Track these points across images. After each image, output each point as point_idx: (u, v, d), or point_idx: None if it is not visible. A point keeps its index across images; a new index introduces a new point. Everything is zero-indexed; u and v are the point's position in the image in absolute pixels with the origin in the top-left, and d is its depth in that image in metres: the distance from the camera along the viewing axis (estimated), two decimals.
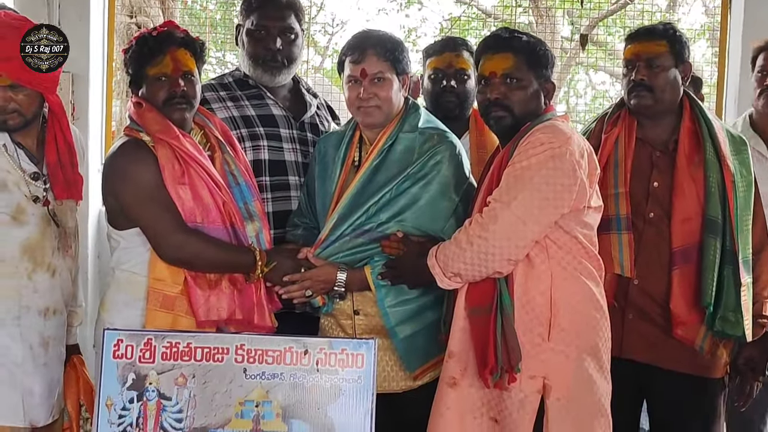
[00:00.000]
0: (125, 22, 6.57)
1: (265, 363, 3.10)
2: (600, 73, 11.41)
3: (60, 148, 3.42)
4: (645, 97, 3.62)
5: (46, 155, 3.42)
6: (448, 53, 4.23)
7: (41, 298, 3.40)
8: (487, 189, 3.29)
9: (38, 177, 3.40)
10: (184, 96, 3.45)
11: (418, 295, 3.48)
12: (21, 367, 3.37)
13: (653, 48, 3.64)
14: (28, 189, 3.37)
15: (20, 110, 3.33)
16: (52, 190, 3.42)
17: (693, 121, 3.66)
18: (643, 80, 3.61)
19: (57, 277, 3.45)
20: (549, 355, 3.17)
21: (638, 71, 3.62)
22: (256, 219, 3.56)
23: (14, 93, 3.30)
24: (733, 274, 3.52)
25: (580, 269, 3.22)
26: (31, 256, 3.37)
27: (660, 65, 3.63)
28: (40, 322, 3.41)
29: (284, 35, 4.00)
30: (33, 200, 3.37)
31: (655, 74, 3.62)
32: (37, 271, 3.39)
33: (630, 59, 3.68)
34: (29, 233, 3.36)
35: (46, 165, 3.42)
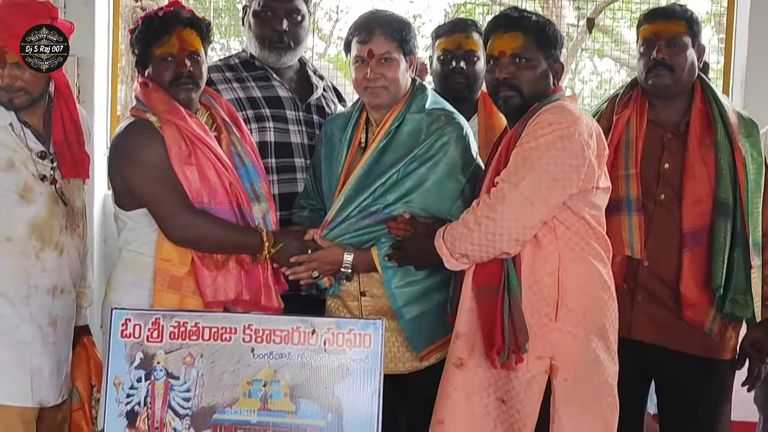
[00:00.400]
0: (130, 6, 6.57)
1: (273, 343, 3.10)
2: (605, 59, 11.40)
3: (66, 127, 3.41)
4: (664, 76, 3.61)
5: (53, 134, 3.41)
6: (458, 34, 4.22)
7: (49, 277, 3.40)
8: (495, 170, 3.29)
9: (45, 156, 3.39)
10: (190, 76, 3.44)
11: (424, 276, 3.48)
12: (30, 346, 3.37)
13: (673, 27, 3.63)
14: (36, 168, 3.36)
15: (26, 88, 3.32)
16: (59, 168, 3.41)
17: (704, 103, 3.65)
18: (664, 59, 3.60)
19: (65, 256, 3.45)
20: (556, 336, 3.17)
21: (659, 50, 3.60)
22: (262, 200, 3.56)
23: (20, 71, 3.29)
24: (743, 256, 3.52)
25: (588, 250, 3.22)
26: (39, 235, 3.37)
27: (680, 45, 3.62)
28: (48, 301, 3.41)
29: (291, 16, 3.99)
30: (40, 179, 3.37)
31: (675, 53, 3.61)
32: (45, 250, 3.38)
33: (649, 38, 3.66)
34: (37, 212, 3.36)
35: (53, 144, 3.42)
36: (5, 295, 3.33)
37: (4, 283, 3.34)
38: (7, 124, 3.34)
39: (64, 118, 3.41)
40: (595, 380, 3.21)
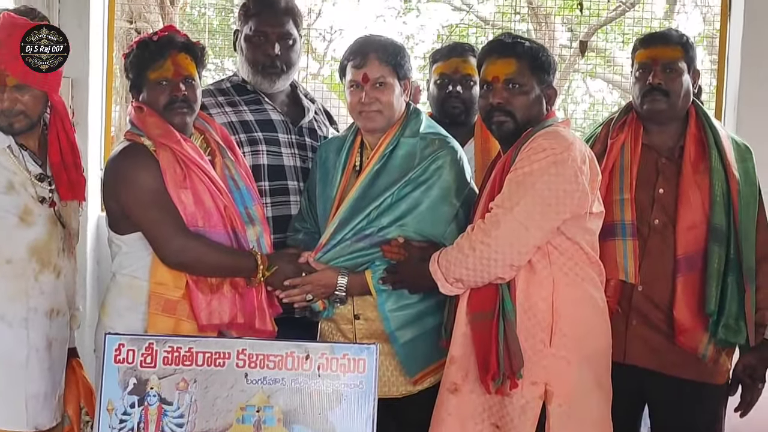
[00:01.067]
0: (125, 28, 6.58)
1: (267, 368, 3.10)
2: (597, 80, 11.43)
3: (63, 149, 3.41)
4: (660, 101, 3.62)
5: (50, 156, 3.41)
6: (455, 59, 4.24)
7: (47, 300, 3.40)
8: (489, 194, 3.30)
9: (43, 178, 3.39)
10: (185, 100, 3.45)
11: (418, 299, 3.48)
12: (26, 370, 3.35)
13: (670, 53, 3.65)
14: (35, 190, 3.36)
15: (26, 112, 3.32)
16: (56, 191, 3.41)
17: (699, 129, 3.67)
18: (660, 84, 3.61)
19: (62, 278, 3.45)
20: (551, 361, 3.17)
21: (655, 75, 3.62)
22: (257, 223, 3.56)
23: (20, 94, 3.29)
24: (737, 282, 3.53)
25: (582, 275, 3.23)
26: (38, 258, 3.36)
27: (676, 70, 3.63)
28: (46, 323, 3.40)
29: (283, 41, 3.99)
30: (40, 201, 3.36)
31: (671, 79, 3.62)
32: (43, 272, 3.38)
33: (645, 63, 3.67)
34: (36, 234, 3.36)
35: (49, 166, 3.41)
36: (4, 318, 3.32)
37: (4, 305, 3.32)
38: (6, 147, 3.34)
39: (61, 140, 3.40)
40: (589, 406, 3.22)
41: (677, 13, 9.95)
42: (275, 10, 4.01)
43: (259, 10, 4.01)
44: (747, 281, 3.53)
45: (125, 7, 6.63)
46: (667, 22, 9.56)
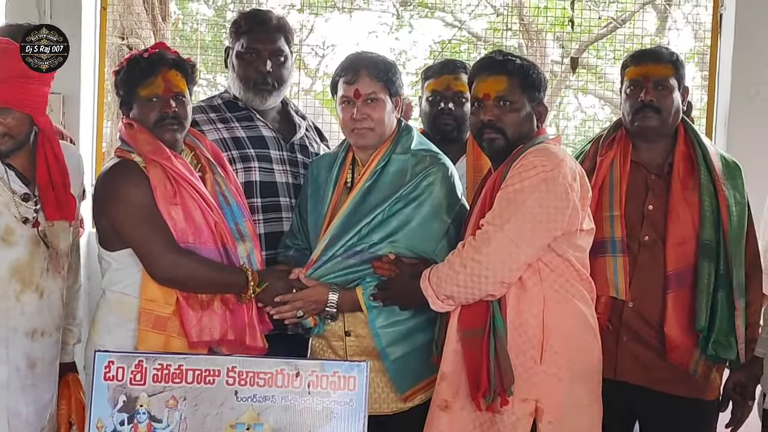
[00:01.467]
0: (116, 44, 6.57)
1: (257, 385, 3.09)
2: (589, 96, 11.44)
3: (51, 168, 3.38)
4: (652, 118, 3.64)
5: (37, 176, 3.38)
6: (447, 75, 4.24)
7: (28, 320, 3.37)
8: (479, 211, 3.30)
9: (29, 198, 3.37)
10: (175, 117, 3.45)
11: (409, 316, 3.48)
12: (6, 388, 3.33)
13: (661, 70, 3.66)
14: (18, 210, 3.34)
15: (10, 134, 3.29)
16: (43, 210, 3.39)
17: (687, 145, 3.68)
18: (652, 101, 3.63)
19: (45, 299, 3.41)
20: (541, 378, 3.17)
21: (647, 92, 3.63)
22: (247, 239, 3.56)
23: (3, 117, 3.26)
24: (727, 298, 3.54)
25: (573, 292, 3.23)
26: (19, 278, 3.34)
27: (667, 87, 3.65)
28: (27, 343, 3.37)
29: (274, 57, 4.00)
30: (22, 221, 3.34)
31: (662, 96, 3.64)
32: (25, 292, 3.35)
33: (636, 80, 3.68)
34: (18, 254, 3.34)
35: (37, 186, 3.40)
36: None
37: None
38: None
39: (48, 160, 3.38)
40: (580, 423, 3.22)
41: (668, 29, 9.98)
42: (267, 27, 4.02)
43: (251, 27, 4.02)
44: (737, 297, 3.54)
45: (117, 23, 6.62)
46: (658, 39, 9.60)
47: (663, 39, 9.70)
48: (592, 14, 7.68)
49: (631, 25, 8.33)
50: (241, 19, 4.09)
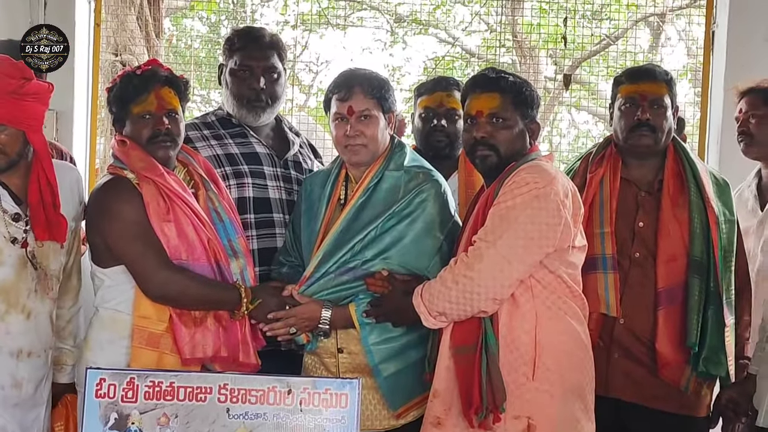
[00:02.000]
0: (110, 60, 6.58)
1: (249, 403, 3.08)
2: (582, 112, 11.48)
3: (42, 188, 3.37)
4: (648, 136, 3.66)
5: (29, 195, 3.35)
6: (440, 92, 4.25)
7: (14, 340, 3.34)
8: (472, 228, 3.30)
9: (19, 218, 3.35)
10: (168, 134, 3.45)
11: (402, 333, 3.47)
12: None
13: (657, 89, 3.68)
14: (7, 230, 3.32)
15: (3, 149, 3.28)
16: (33, 231, 3.38)
17: (677, 162, 3.70)
18: (648, 120, 3.64)
19: (32, 320, 3.38)
20: (533, 395, 3.17)
21: (643, 111, 3.65)
22: (240, 256, 3.56)
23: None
24: (717, 314, 3.55)
25: (565, 308, 3.23)
26: (5, 298, 3.32)
27: (663, 106, 3.68)
28: (12, 363, 3.34)
29: (268, 74, 4.01)
30: (11, 241, 3.33)
31: (658, 115, 3.66)
32: (10, 313, 3.33)
33: (632, 97, 3.69)
34: (4, 275, 3.32)
35: (28, 205, 3.38)
36: None
37: None
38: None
39: (40, 180, 3.36)
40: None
41: (662, 46, 10.01)
42: (260, 44, 4.03)
43: (244, 44, 4.03)
44: (727, 313, 3.56)
45: (111, 40, 6.63)
46: (651, 55, 9.63)
47: (656, 56, 9.73)
48: (585, 31, 7.71)
49: (625, 41, 8.36)
50: (234, 36, 4.11)
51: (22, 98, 3.28)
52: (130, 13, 6.83)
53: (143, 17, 6.93)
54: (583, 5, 7.22)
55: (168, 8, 7.84)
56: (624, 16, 8.31)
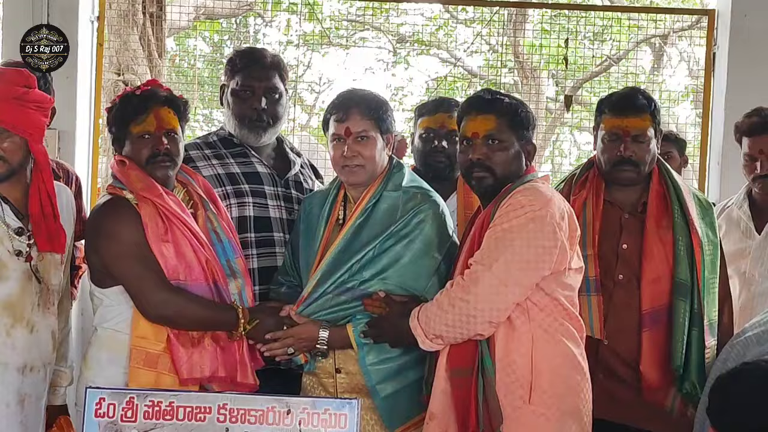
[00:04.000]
0: (112, 80, 6.60)
1: (248, 423, 3.07)
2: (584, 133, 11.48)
3: (43, 200, 3.39)
4: (630, 171, 3.69)
5: (30, 206, 3.38)
6: (441, 114, 4.26)
7: (19, 355, 3.37)
8: (468, 250, 3.31)
9: (22, 232, 3.37)
10: (167, 153, 3.47)
11: (399, 353, 3.47)
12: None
13: (640, 123, 3.69)
14: (11, 244, 3.34)
15: (5, 157, 3.30)
16: (35, 242, 3.40)
17: (661, 185, 3.72)
18: (631, 157, 3.66)
19: (35, 334, 3.41)
20: (530, 418, 3.16)
21: (626, 147, 3.66)
22: (238, 276, 3.57)
23: (1, 140, 3.29)
24: (700, 336, 3.56)
25: (562, 331, 3.23)
26: (10, 312, 3.34)
27: (646, 140, 3.69)
28: (18, 379, 3.37)
29: (269, 95, 4.02)
30: (16, 255, 3.35)
31: (641, 149, 3.68)
32: (16, 327, 3.35)
33: (615, 133, 3.70)
34: (10, 289, 3.34)
35: (29, 216, 3.40)
36: None
37: None
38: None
39: (41, 191, 3.38)
40: None
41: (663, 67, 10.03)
42: (262, 64, 4.05)
43: (246, 65, 4.04)
44: (708, 335, 3.57)
45: (113, 59, 6.65)
46: (653, 76, 9.65)
47: (658, 76, 9.75)
48: (587, 52, 7.73)
49: (626, 62, 8.37)
50: (236, 57, 4.13)
51: (25, 105, 3.32)
52: (133, 33, 6.86)
53: (146, 37, 6.95)
54: (585, 26, 7.25)
55: (171, 28, 7.86)
56: (626, 37, 8.32)
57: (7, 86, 3.32)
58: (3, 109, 3.28)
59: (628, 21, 7.54)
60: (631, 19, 7.46)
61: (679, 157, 5.13)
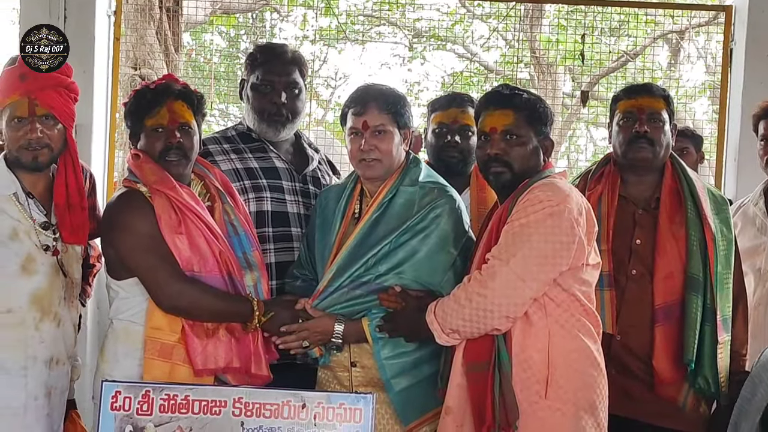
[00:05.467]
0: (129, 74, 6.60)
1: (263, 416, 3.09)
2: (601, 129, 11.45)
3: (70, 190, 3.43)
4: (646, 149, 3.68)
5: (55, 197, 3.43)
6: (454, 109, 4.26)
7: (47, 349, 3.40)
8: (485, 245, 3.31)
9: (48, 227, 3.41)
10: (180, 147, 3.48)
11: (414, 348, 3.48)
12: (24, 417, 3.36)
13: (655, 104, 3.71)
14: (38, 238, 3.38)
15: (51, 145, 3.37)
16: (60, 234, 3.42)
17: (675, 180, 3.72)
18: (646, 132, 3.66)
19: (61, 327, 3.46)
20: (546, 413, 3.15)
21: (641, 123, 3.67)
22: (254, 269, 3.58)
23: (48, 126, 3.35)
24: (712, 331, 3.55)
25: (578, 327, 3.22)
26: (39, 306, 3.37)
27: (660, 120, 3.70)
28: (45, 372, 3.41)
29: (289, 90, 4.03)
30: (43, 249, 3.37)
31: (656, 128, 3.69)
32: (44, 321, 3.39)
33: (630, 111, 3.72)
34: (38, 283, 3.37)
35: (54, 207, 3.43)
36: (3, 367, 3.33)
37: (3, 354, 3.33)
38: (12, 194, 3.36)
39: (68, 181, 3.43)
40: None
41: (680, 63, 10.00)
42: (282, 59, 4.06)
43: (266, 60, 4.05)
44: (721, 331, 3.56)
45: (130, 54, 6.64)
46: (670, 72, 9.62)
47: (675, 72, 9.72)
48: (603, 48, 7.70)
49: (643, 58, 8.35)
50: (256, 51, 4.14)
51: (69, 95, 3.42)
52: (150, 28, 6.86)
53: (162, 31, 6.95)
54: (602, 21, 7.21)
55: (187, 23, 7.86)
56: (643, 32, 8.30)
57: (56, 74, 3.39)
58: (53, 96, 3.36)
59: (645, 17, 7.52)
60: (648, 15, 7.44)
61: (696, 153, 5.12)
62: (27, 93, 3.33)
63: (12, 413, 3.34)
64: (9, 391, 3.34)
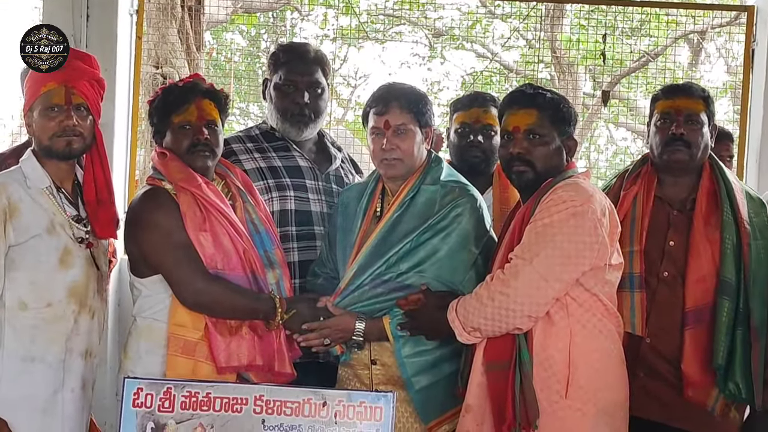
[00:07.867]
0: (151, 73, 6.62)
1: (284, 414, 3.09)
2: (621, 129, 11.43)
3: (98, 185, 3.46)
4: (682, 151, 3.64)
5: (85, 194, 3.46)
6: (476, 108, 4.25)
7: (83, 341, 3.44)
8: (508, 244, 3.31)
9: (80, 220, 3.43)
10: (207, 144, 3.50)
11: (435, 346, 3.48)
12: (62, 410, 3.39)
13: (693, 105, 3.67)
14: (72, 231, 3.40)
15: (84, 134, 3.39)
16: (92, 230, 3.45)
17: (712, 181, 3.67)
18: (683, 135, 3.62)
19: (95, 320, 3.49)
20: (566, 413, 3.16)
21: (678, 125, 3.63)
22: (276, 267, 3.60)
23: (82, 116, 3.38)
24: (745, 336, 3.50)
25: (600, 327, 3.22)
26: (77, 299, 3.40)
27: (698, 122, 3.65)
28: (81, 364, 3.45)
29: (312, 89, 4.03)
30: (78, 242, 3.40)
31: (693, 130, 3.64)
32: (81, 314, 3.42)
33: (668, 113, 3.68)
34: (75, 276, 3.40)
35: (85, 203, 3.46)
36: (44, 360, 3.36)
37: (44, 347, 3.36)
38: (46, 188, 3.39)
39: (97, 177, 3.46)
40: None
41: (701, 63, 9.97)
42: (305, 59, 4.06)
43: (289, 60, 4.06)
44: (755, 337, 3.50)
45: (152, 53, 6.67)
46: (691, 72, 9.59)
47: (696, 72, 9.69)
48: (624, 47, 7.69)
49: (664, 58, 8.32)
50: (279, 51, 4.14)
51: (100, 90, 3.47)
52: (172, 27, 6.89)
53: (184, 30, 6.98)
54: (623, 21, 7.20)
55: (209, 22, 7.89)
56: (664, 32, 8.28)
57: (91, 68, 3.45)
58: (87, 88, 3.40)
59: (666, 17, 7.50)
60: (669, 15, 7.42)
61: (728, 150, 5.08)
62: (64, 81, 3.36)
63: (52, 405, 3.37)
64: (50, 384, 3.37)
